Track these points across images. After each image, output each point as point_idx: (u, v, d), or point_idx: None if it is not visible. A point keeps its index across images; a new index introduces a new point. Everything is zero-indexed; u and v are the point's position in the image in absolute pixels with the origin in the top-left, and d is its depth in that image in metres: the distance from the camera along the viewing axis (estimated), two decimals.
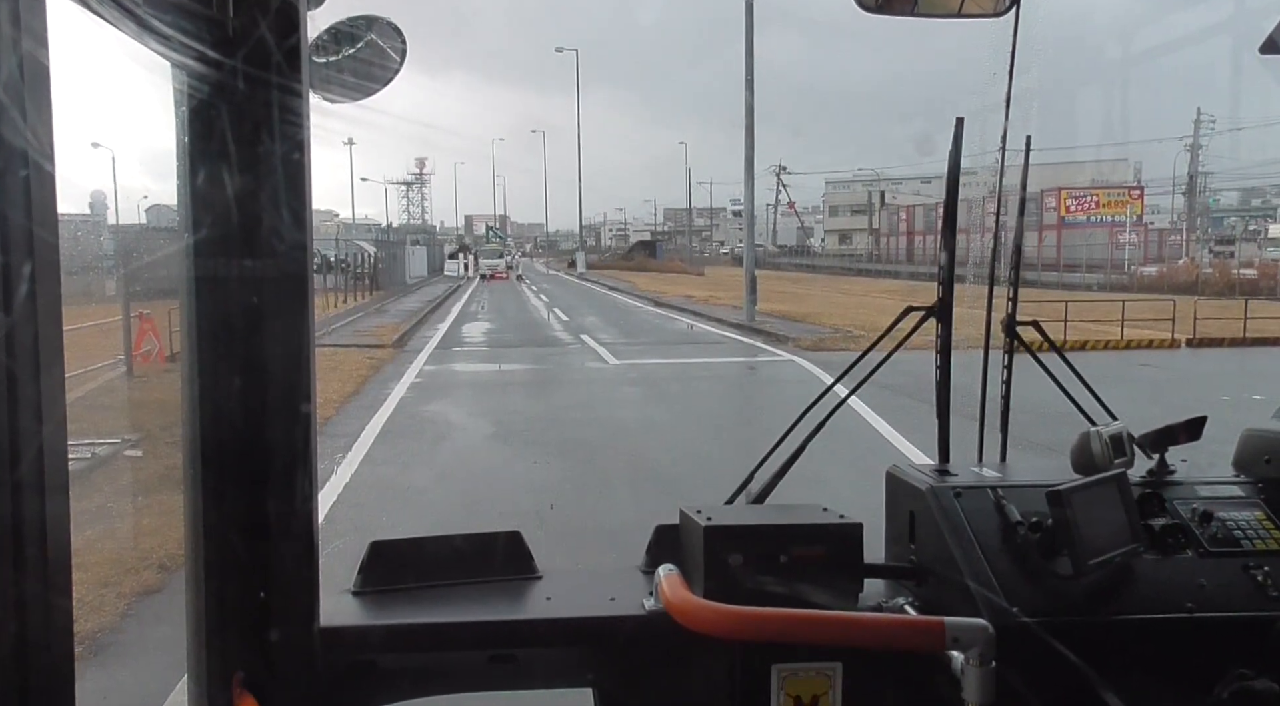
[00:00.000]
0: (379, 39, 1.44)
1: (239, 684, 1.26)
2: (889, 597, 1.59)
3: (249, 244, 1.21)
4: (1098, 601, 1.46)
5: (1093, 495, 1.48)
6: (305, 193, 1.24)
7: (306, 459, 1.28)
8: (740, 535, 1.48)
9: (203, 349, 1.23)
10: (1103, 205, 56.53)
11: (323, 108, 1.33)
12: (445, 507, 7.72)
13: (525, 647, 1.50)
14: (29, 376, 0.73)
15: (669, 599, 1.40)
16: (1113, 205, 56.48)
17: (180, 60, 1.16)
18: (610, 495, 8.23)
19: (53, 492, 0.75)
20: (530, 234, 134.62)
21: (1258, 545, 1.54)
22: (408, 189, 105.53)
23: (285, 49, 1.19)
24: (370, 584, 1.55)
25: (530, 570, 1.63)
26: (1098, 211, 56.06)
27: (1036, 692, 1.38)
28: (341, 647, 1.40)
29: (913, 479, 1.64)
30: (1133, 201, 57.49)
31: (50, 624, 0.76)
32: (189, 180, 1.20)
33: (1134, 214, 55.26)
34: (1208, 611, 1.45)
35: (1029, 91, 1.81)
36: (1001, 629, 1.31)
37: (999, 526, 1.52)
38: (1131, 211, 55.06)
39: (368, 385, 14.16)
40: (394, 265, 49.37)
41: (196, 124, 1.19)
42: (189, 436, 1.24)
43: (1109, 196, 57.11)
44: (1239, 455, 1.74)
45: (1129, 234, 54.18)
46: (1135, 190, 58.50)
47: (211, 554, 1.25)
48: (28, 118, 0.72)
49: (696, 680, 1.51)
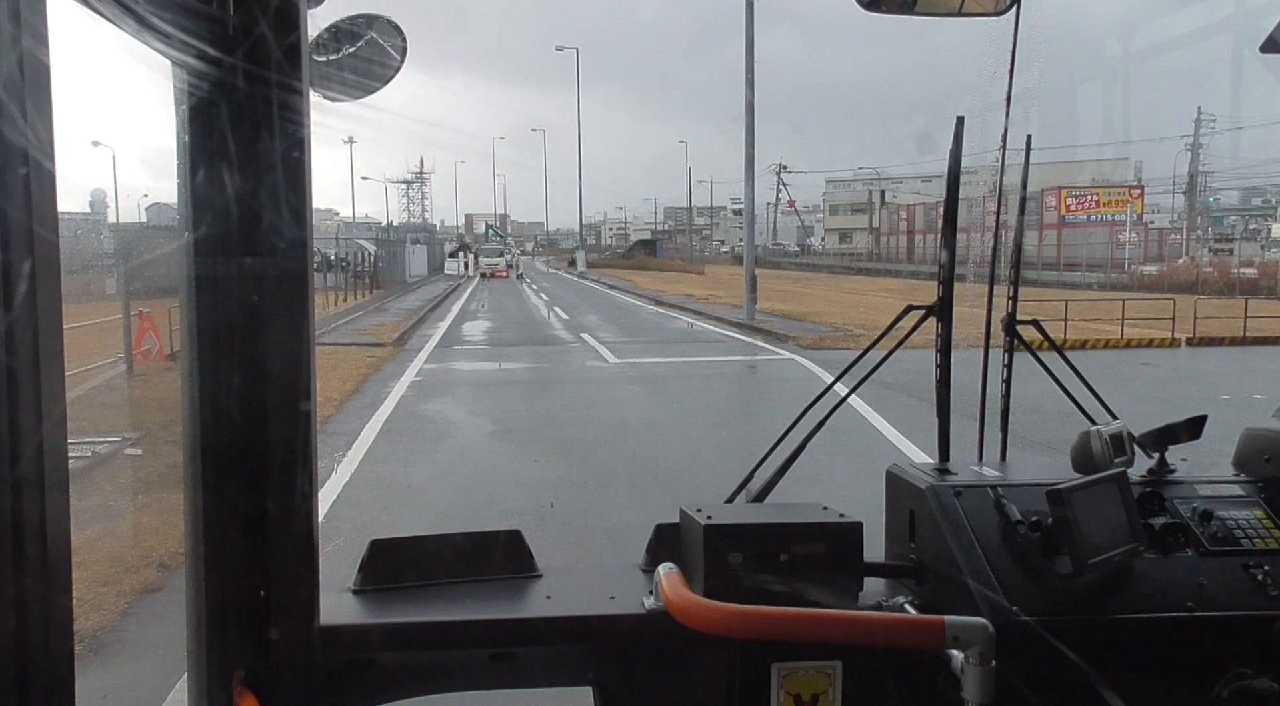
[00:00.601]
0: (379, 37, 1.44)
1: (239, 682, 1.26)
2: (889, 596, 1.58)
3: (249, 242, 1.21)
4: (1098, 600, 1.46)
5: (1093, 494, 1.47)
6: (305, 191, 1.24)
7: (306, 457, 1.28)
8: (740, 534, 1.47)
9: (203, 346, 1.23)
10: (1103, 204, 56.46)
11: (322, 106, 1.33)
12: (446, 506, 7.70)
13: (525, 646, 1.50)
14: (29, 374, 0.73)
15: (669, 597, 1.40)
16: (1113, 204, 56.37)
17: (180, 58, 1.16)
18: (611, 494, 8.22)
19: (52, 490, 0.75)
20: (531, 232, 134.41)
21: (1258, 544, 1.54)
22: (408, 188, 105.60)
23: (285, 47, 1.19)
24: (370, 582, 1.55)
25: (530, 568, 1.63)
26: (1098, 210, 55.91)
27: (1036, 691, 1.38)
28: (341, 646, 1.40)
29: (913, 477, 1.64)
30: (1133, 200, 57.39)
31: (50, 621, 0.76)
32: (189, 178, 1.20)
33: (1134, 213, 55.16)
34: (1207, 610, 1.45)
35: (1029, 90, 1.81)
36: (1001, 627, 1.31)
37: (999, 525, 1.52)
38: (1132, 210, 54.95)
39: (368, 383, 14.16)
40: (394, 264, 49.37)
41: (197, 122, 1.19)
42: (189, 434, 1.24)
43: (1109, 196, 57.06)
44: (1239, 454, 1.74)
45: (1129, 233, 54.06)
46: (1135, 189, 58.39)
47: (212, 551, 1.25)
48: (28, 116, 0.71)
49: (697, 678, 1.51)
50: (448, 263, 64.50)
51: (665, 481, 8.40)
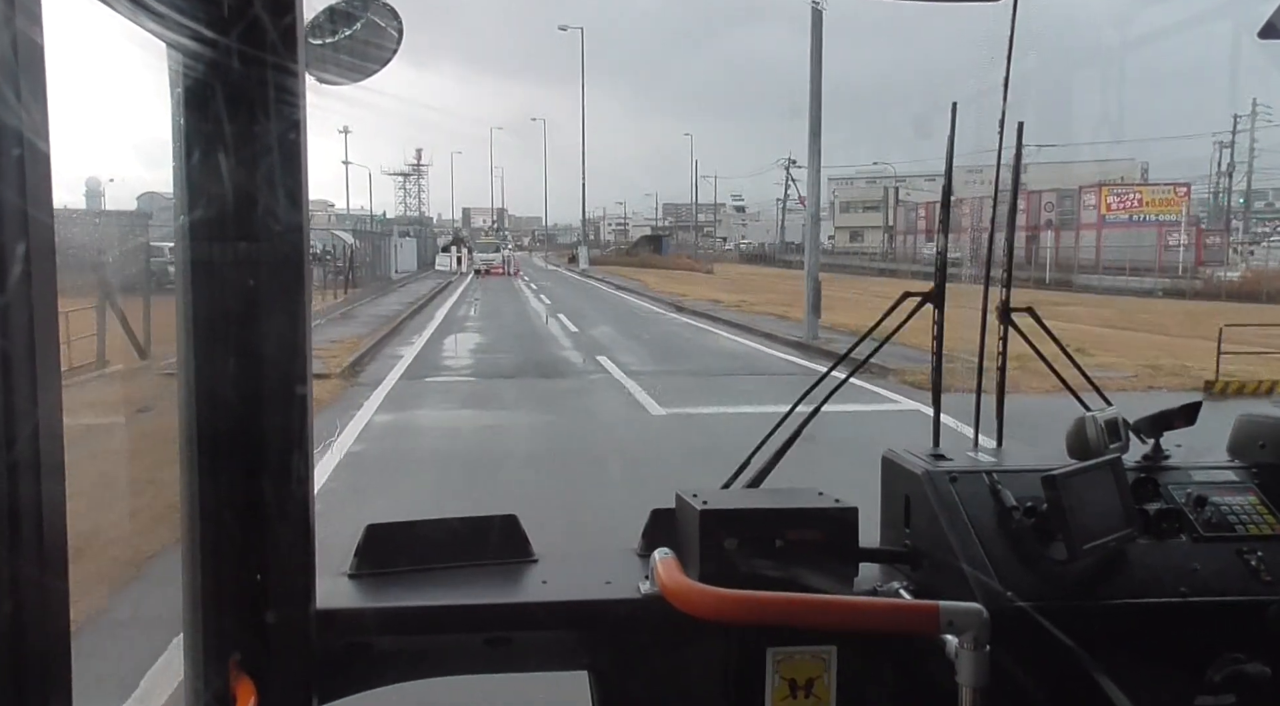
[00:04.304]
0: (376, 19, 1.44)
1: (235, 665, 1.26)
2: (884, 581, 1.59)
3: (245, 226, 1.20)
4: (1092, 585, 1.47)
5: (1088, 480, 1.48)
6: (301, 174, 1.23)
7: (302, 442, 1.28)
8: (736, 519, 1.48)
9: (198, 331, 1.23)
10: (1146, 202, 53.30)
11: (317, 91, 1.31)
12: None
13: (521, 630, 1.51)
14: (24, 358, 0.73)
15: (664, 582, 1.40)
16: (1157, 203, 53.32)
17: (175, 39, 1.16)
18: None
19: (48, 475, 0.75)
20: (529, 227, 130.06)
21: (1251, 530, 1.55)
22: (405, 180, 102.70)
23: (281, 29, 1.17)
24: (366, 566, 1.55)
25: (526, 553, 1.63)
26: (1140, 209, 53.05)
27: (1030, 676, 1.39)
28: (337, 630, 1.40)
29: (908, 463, 1.64)
30: (1178, 199, 54.15)
31: (47, 605, 0.76)
32: (184, 161, 1.20)
33: (1178, 213, 52.35)
34: (1201, 595, 1.45)
35: (1025, 78, 1.80)
36: (996, 612, 1.32)
37: (994, 511, 1.52)
38: (1177, 210, 52.16)
39: None
40: (379, 258, 44.27)
41: (191, 105, 1.18)
42: (185, 419, 1.24)
43: (1154, 194, 53.84)
44: (1234, 440, 1.74)
45: (1182, 234, 51.02)
46: (1181, 186, 55.23)
47: (208, 536, 1.25)
48: (22, 97, 0.71)
49: (692, 663, 1.52)
50: (439, 257, 59.38)
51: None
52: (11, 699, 0.73)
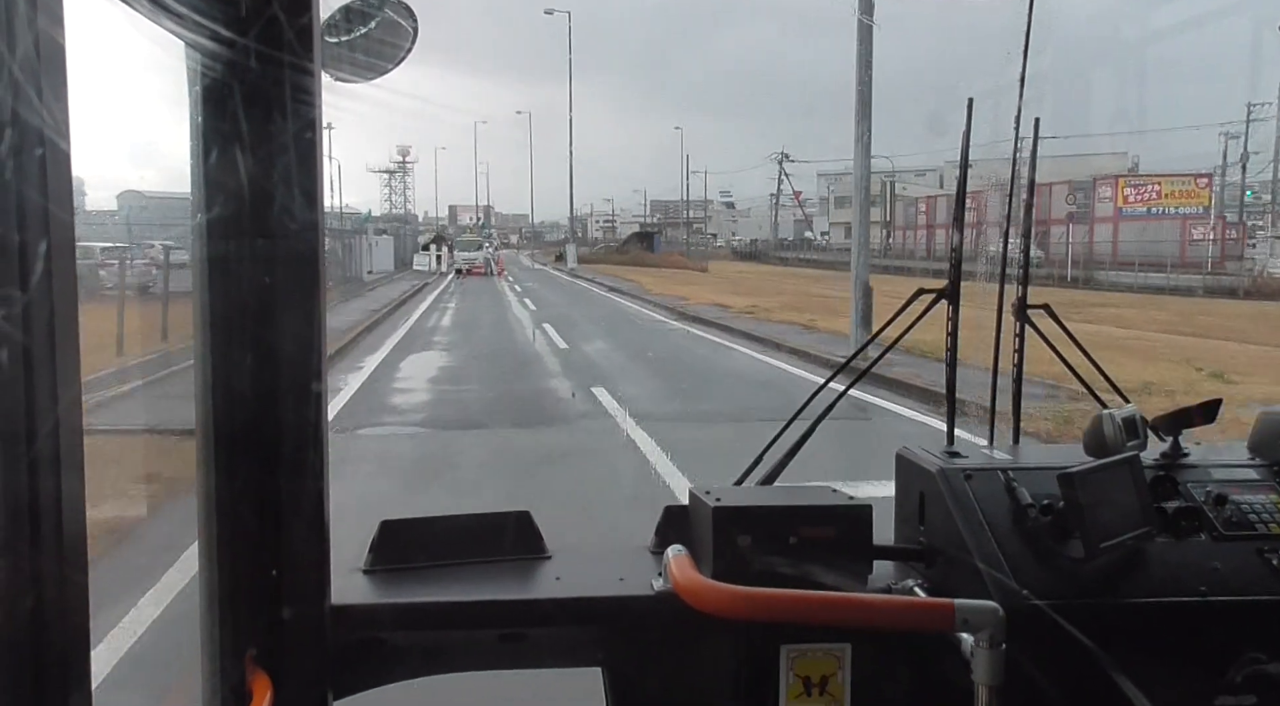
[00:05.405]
0: (393, 16, 1.44)
1: (251, 660, 1.26)
2: (898, 579, 1.58)
3: (261, 223, 1.21)
4: (1109, 584, 1.46)
5: (1105, 478, 1.47)
6: (317, 172, 1.24)
7: (318, 438, 1.28)
8: (749, 516, 1.49)
9: (215, 327, 1.23)
10: (1165, 195, 50.54)
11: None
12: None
13: (534, 627, 1.51)
14: (45, 354, 0.73)
15: (678, 579, 1.40)
16: (1177, 195, 50.63)
17: (194, 39, 1.16)
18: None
19: (68, 470, 0.76)
20: (515, 224, 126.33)
21: (1273, 528, 1.53)
22: (390, 177, 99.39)
23: (298, 28, 1.18)
24: (381, 562, 1.56)
25: (539, 549, 1.64)
26: (1159, 202, 50.39)
27: (1047, 675, 1.37)
28: (352, 625, 1.41)
29: (923, 460, 1.64)
30: (1199, 191, 51.40)
31: (66, 599, 0.77)
32: (202, 160, 1.20)
33: (1201, 205, 49.86)
34: (1221, 595, 1.44)
35: (1041, 74, 1.80)
36: (1012, 611, 1.32)
37: (1010, 508, 1.51)
38: (1200, 202, 49.89)
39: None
40: (348, 258, 40.37)
41: (209, 103, 1.18)
42: (201, 415, 1.24)
43: (1173, 185, 51.01)
44: (1255, 438, 1.72)
45: (1210, 227, 48.40)
46: (1203, 178, 52.49)
47: (224, 533, 1.26)
48: (43, 96, 0.72)
49: (705, 660, 1.52)
50: (417, 257, 54.69)
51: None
52: (32, 694, 0.74)
